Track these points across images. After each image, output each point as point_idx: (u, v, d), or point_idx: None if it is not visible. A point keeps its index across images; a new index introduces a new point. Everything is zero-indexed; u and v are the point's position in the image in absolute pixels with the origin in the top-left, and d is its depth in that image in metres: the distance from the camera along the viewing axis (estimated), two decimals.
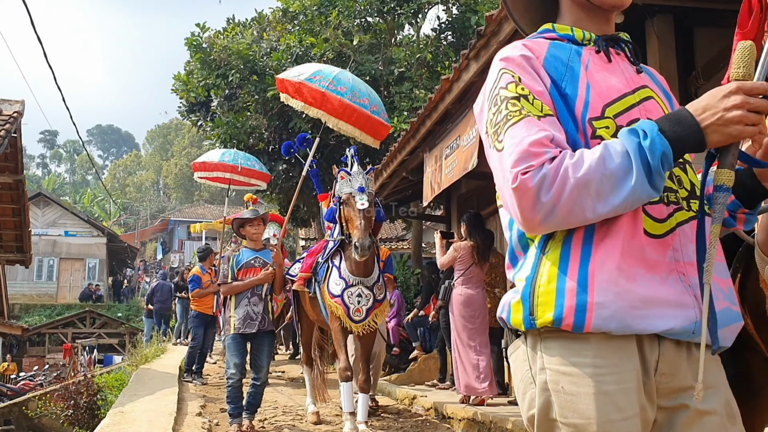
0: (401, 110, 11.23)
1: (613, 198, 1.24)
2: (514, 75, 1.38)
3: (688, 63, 4.98)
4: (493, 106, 1.39)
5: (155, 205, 59.62)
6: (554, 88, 1.41)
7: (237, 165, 9.54)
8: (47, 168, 79.25)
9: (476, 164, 5.40)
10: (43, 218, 32.01)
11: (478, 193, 8.99)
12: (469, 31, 11.98)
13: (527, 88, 1.36)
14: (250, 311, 5.45)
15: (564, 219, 1.26)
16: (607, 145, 1.26)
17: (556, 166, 1.25)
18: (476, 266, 6.42)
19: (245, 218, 5.76)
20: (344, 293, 5.28)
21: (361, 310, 5.27)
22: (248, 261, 5.58)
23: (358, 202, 5.04)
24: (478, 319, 6.38)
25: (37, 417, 11.49)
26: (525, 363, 1.39)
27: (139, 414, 5.71)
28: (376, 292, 5.36)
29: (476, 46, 4.97)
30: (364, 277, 5.30)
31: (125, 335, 23.24)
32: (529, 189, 1.25)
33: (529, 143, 1.27)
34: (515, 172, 1.27)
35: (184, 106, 14.05)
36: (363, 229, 4.95)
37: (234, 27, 14.01)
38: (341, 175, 5.31)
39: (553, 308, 1.30)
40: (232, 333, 5.46)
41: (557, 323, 1.29)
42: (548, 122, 1.33)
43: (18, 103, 10.04)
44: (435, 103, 6.23)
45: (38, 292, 31.39)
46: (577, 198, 1.24)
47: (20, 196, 11.32)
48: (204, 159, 10.00)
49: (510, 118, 1.33)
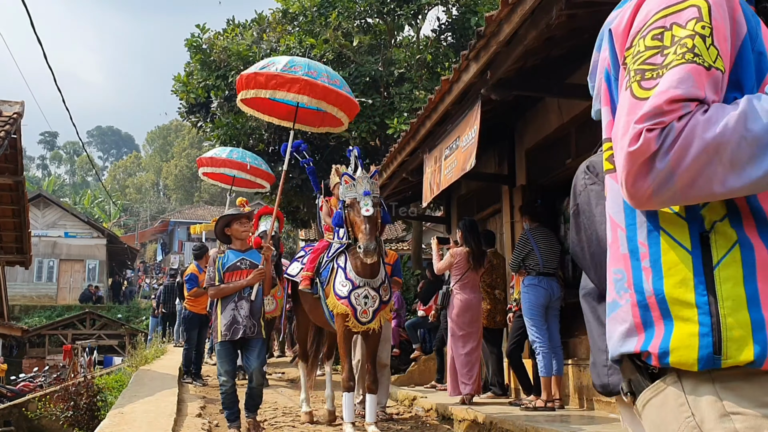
0: (401, 111, 11.22)
1: (752, 169, 0.97)
2: (703, 7, 1.06)
3: None
4: (652, 38, 1.08)
5: (155, 207, 59.63)
6: (749, 40, 1.10)
7: (246, 163, 9.50)
8: (47, 169, 79.28)
9: (474, 164, 5.39)
10: (43, 219, 32.01)
11: (478, 193, 8.98)
12: (468, 32, 11.97)
13: (710, 28, 1.04)
14: (237, 315, 5.27)
15: (683, 192, 1.01)
16: (752, 101, 1.00)
17: (684, 122, 0.99)
18: (472, 271, 6.71)
19: (232, 215, 5.61)
20: (351, 294, 5.22)
21: (368, 312, 5.23)
22: (234, 263, 5.39)
23: (363, 207, 5.01)
24: (475, 323, 6.67)
25: (37, 418, 11.48)
26: (681, 410, 1.08)
27: (139, 415, 5.70)
28: (382, 293, 5.32)
29: (476, 47, 4.96)
30: (370, 278, 5.26)
31: (125, 336, 23.23)
32: (647, 150, 1.00)
33: (671, 97, 1.00)
34: (639, 128, 1.02)
35: (184, 107, 14.06)
36: (368, 233, 4.92)
37: (234, 28, 14.01)
38: (345, 179, 5.25)
39: (752, 345, 1.02)
40: (219, 340, 5.34)
41: (759, 363, 1.02)
42: (712, 79, 1.03)
43: (18, 104, 10.02)
44: (434, 104, 6.22)
45: (38, 294, 31.40)
46: (704, 165, 0.98)
47: (20, 197, 11.31)
48: (211, 155, 9.93)
49: (671, 61, 1.03)
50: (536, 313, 5.92)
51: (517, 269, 6.14)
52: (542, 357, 5.81)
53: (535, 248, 6.03)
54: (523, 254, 6.08)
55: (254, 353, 5.39)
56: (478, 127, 5.32)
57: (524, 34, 4.46)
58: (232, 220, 5.53)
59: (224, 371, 5.35)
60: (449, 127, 6.30)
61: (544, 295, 5.97)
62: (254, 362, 5.39)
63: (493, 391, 7.11)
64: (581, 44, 5.47)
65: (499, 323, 7.15)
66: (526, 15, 4.24)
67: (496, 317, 7.12)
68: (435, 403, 6.68)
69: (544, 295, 5.97)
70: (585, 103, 5.98)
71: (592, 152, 1.59)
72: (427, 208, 10.36)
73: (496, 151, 8.08)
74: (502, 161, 7.90)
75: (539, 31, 4.33)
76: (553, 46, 5.21)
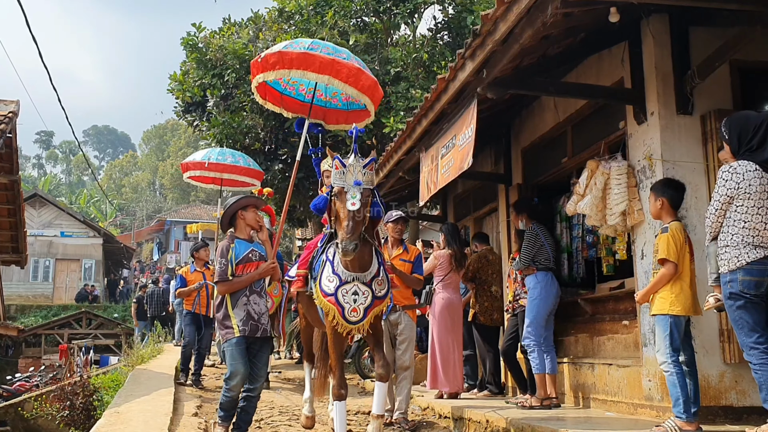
0: (397, 110, 11.22)
1: None
2: None
3: (683, 62, 4.99)
4: None
5: (151, 206, 59.52)
6: None
7: (227, 164, 9.37)
8: (43, 169, 79.10)
9: (471, 163, 5.39)
10: (39, 219, 31.93)
11: (474, 192, 8.99)
12: (465, 30, 11.98)
13: None
14: (251, 311, 4.77)
15: None
16: None
17: None
18: (454, 272, 6.94)
19: (255, 198, 5.14)
20: (338, 291, 4.59)
21: (358, 310, 4.57)
22: (246, 254, 4.86)
23: (349, 201, 4.38)
24: (456, 322, 6.91)
25: (33, 418, 11.44)
26: None
27: (135, 414, 5.69)
28: (376, 288, 4.65)
29: (472, 46, 4.96)
30: (359, 272, 4.61)
31: (121, 336, 23.18)
32: None
33: None
34: None
35: (180, 106, 14.02)
36: (350, 231, 4.31)
37: (230, 27, 13.99)
38: (336, 164, 4.57)
39: None
40: (236, 336, 4.72)
41: None
42: None
43: (13, 103, 10.00)
44: (431, 102, 6.22)
45: (34, 293, 31.34)
46: None
47: (15, 197, 11.30)
48: (191, 159, 9.86)
49: None
50: (546, 310, 5.89)
51: (527, 266, 6.05)
52: (536, 355, 5.81)
53: (545, 243, 6.03)
54: (534, 250, 6.02)
55: (263, 359, 4.91)
56: (475, 126, 5.32)
57: (520, 33, 4.46)
58: (252, 204, 5.01)
59: (238, 372, 4.71)
60: (446, 125, 6.30)
61: (556, 294, 5.98)
62: (262, 369, 4.92)
63: (489, 389, 7.12)
64: (577, 43, 5.50)
65: (496, 321, 7.17)
66: (522, 13, 4.24)
67: (493, 315, 7.13)
68: (430, 402, 6.69)
69: (555, 294, 5.98)
70: (581, 102, 6.00)
71: (587, 151, 1.59)
72: (423, 207, 10.37)
73: (492, 149, 8.09)
74: (498, 160, 7.91)
75: (535, 30, 4.33)
76: (549, 44, 5.21)
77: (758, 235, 3.56)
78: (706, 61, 4.74)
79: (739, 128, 3.73)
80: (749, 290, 3.52)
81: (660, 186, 4.40)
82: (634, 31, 5.18)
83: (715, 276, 3.85)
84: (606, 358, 5.67)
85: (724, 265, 3.64)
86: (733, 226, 3.62)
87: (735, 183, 3.60)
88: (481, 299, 7.14)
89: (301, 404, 7.19)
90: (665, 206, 4.29)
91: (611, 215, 5.20)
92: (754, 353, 3.51)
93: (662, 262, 4.14)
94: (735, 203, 3.61)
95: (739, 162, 3.65)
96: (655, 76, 5.00)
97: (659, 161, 4.89)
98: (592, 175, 5.30)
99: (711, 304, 3.99)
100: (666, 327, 4.09)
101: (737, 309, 3.58)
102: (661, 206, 4.30)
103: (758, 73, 5.22)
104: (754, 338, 3.52)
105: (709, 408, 4.55)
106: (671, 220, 4.26)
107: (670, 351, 4.06)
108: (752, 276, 3.52)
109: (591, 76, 5.78)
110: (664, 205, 4.29)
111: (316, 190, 6.89)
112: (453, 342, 6.80)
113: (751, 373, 3.63)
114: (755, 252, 3.54)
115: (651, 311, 4.31)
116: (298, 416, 6.44)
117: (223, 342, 4.90)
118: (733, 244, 3.60)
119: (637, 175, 5.14)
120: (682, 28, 5.05)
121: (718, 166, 4.70)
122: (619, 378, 5.37)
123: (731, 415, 4.62)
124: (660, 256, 4.15)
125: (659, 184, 4.45)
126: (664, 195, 4.30)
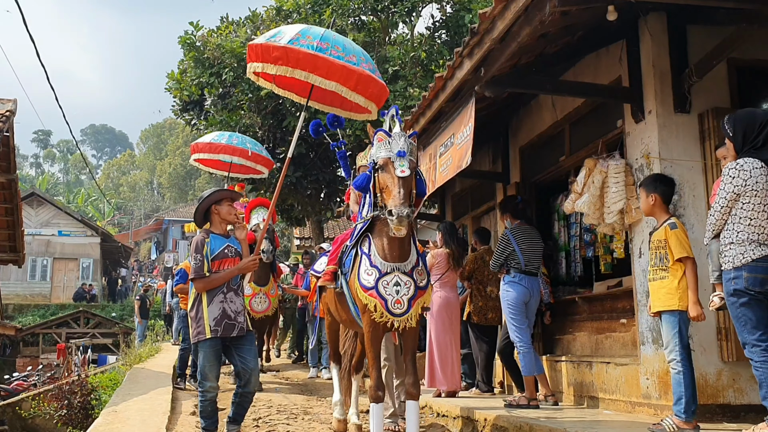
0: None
1: None
2: None
3: (681, 60, 4.99)
4: None
5: (149, 205, 59.49)
6: None
7: (247, 149, 9.01)
8: (41, 168, 78.96)
9: (470, 162, 5.39)
10: (36, 218, 31.88)
11: (472, 191, 8.99)
12: (463, 29, 11.97)
13: None
14: (227, 309, 4.58)
15: None
16: None
17: None
18: (452, 271, 6.90)
19: (229, 192, 5.01)
20: (378, 283, 4.32)
21: (402, 301, 4.29)
22: (222, 250, 4.67)
23: (398, 168, 4.17)
24: (454, 321, 6.91)
25: (30, 417, 11.45)
26: None
27: (133, 413, 5.69)
28: (417, 278, 4.39)
29: (470, 44, 4.97)
30: (399, 261, 4.35)
31: (119, 335, 23.17)
32: None
33: None
34: None
35: (177, 104, 14.02)
36: (402, 197, 4.06)
37: (228, 25, 13.97)
38: (379, 136, 4.38)
39: None
40: (207, 337, 4.52)
41: None
42: None
43: (10, 101, 9.98)
44: (429, 101, 6.22)
45: (32, 292, 31.29)
46: None
47: (13, 196, 11.28)
48: (209, 140, 9.14)
49: None
50: (517, 311, 5.92)
51: (498, 269, 6.15)
52: (523, 356, 5.82)
53: (516, 248, 6.02)
54: (504, 255, 6.07)
55: (251, 351, 4.72)
56: (473, 125, 5.32)
57: (518, 31, 4.46)
58: (226, 198, 4.82)
59: (211, 375, 4.58)
60: (444, 124, 6.30)
61: (524, 293, 5.97)
62: (252, 362, 4.70)
63: (479, 387, 7.15)
64: (575, 41, 5.50)
65: (490, 320, 7.17)
66: (519, 12, 4.24)
67: (487, 314, 7.14)
68: (428, 400, 6.69)
69: (524, 293, 5.97)
70: (579, 101, 6.00)
71: (584, 149, 1.59)
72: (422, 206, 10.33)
73: (490, 148, 8.09)
74: (496, 159, 7.91)
75: (533, 28, 4.33)
76: (546, 43, 5.21)
77: (763, 232, 3.55)
78: (704, 60, 4.74)
79: (746, 125, 3.70)
80: (754, 287, 3.51)
81: (651, 181, 4.36)
82: (632, 29, 5.18)
83: (717, 274, 3.83)
84: (604, 357, 5.68)
85: (729, 263, 3.62)
86: (738, 223, 3.60)
87: (742, 180, 3.57)
88: (476, 299, 7.15)
89: (298, 403, 7.21)
90: (658, 202, 4.26)
91: (609, 214, 5.20)
92: (756, 351, 3.51)
93: (683, 261, 4.09)
94: (741, 200, 3.58)
95: (745, 159, 3.63)
96: (652, 75, 5.00)
97: (657, 159, 4.89)
98: (589, 174, 5.30)
99: (717, 304, 3.91)
100: (675, 324, 4.06)
101: (741, 306, 3.57)
102: (653, 202, 4.27)
103: (756, 71, 5.23)
104: (757, 336, 3.51)
105: (706, 406, 4.55)
106: (665, 216, 4.24)
107: (679, 348, 4.03)
108: (757, 273, 3.51)
109: (589, 75, 5.79)
110: (656, 201, 4.26)
111: (314, 189, 6.87)
112: (451, 340, 6.81)
113: (749, 371, 3.63)
114: (760, 249, 3.53)
115: (653, 309, 4.27)
116: (296, 415, 6.45)
117: (193, 342, 4.71)
118: (738, 242, 3.58)
119: (634, 173, 5.14)
120: (679, 27, 5.05)
121: (715, 164, 4.71)
122: (617, 376, 5.38)
123: (729, 414, 4.62)
124: (679, 255, 4.09)
125: (650, 179, 4.42)
126: (657, 191, 4.27)
